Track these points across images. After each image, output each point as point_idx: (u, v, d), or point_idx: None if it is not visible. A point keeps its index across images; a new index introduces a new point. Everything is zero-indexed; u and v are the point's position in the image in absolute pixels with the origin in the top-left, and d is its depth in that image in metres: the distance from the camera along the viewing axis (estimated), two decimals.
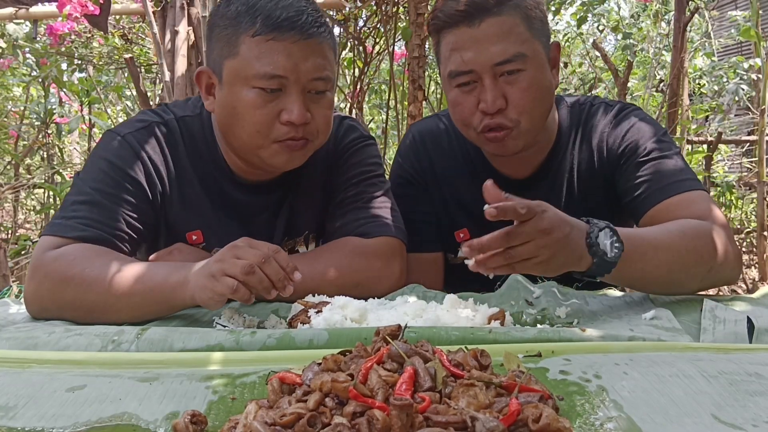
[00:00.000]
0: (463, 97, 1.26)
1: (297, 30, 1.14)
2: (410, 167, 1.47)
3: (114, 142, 1.24)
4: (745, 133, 6.39)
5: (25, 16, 3.69)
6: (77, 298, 1.07)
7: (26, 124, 5.09)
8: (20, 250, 3.58)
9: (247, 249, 1.01)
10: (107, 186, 1.19)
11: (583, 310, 1.11)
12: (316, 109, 1.19)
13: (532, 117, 1.25)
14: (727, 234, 1.15)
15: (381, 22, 3.46)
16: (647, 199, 1.26)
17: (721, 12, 6.68)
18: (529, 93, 1.23)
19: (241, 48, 1.15)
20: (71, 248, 1.12)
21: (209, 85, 1.23)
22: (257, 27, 1.13)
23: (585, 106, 1.41)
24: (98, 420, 0.65)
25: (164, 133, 1.27)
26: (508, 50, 1.20)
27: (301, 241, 1.40)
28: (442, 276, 1.47)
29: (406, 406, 0.54)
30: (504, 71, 1.21)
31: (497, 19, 1.20)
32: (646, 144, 1.30)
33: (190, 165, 1.28)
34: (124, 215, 1.19)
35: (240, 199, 1.32)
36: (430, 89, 4.36)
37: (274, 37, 1.13)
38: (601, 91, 5.82)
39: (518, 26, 1.21)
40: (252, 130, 1.17)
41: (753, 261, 4.03)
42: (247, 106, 1.16)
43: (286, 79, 1.15)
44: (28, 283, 1.13)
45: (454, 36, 1.23)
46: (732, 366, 0.76)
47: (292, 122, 1.16)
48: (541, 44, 1.25)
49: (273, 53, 1.13)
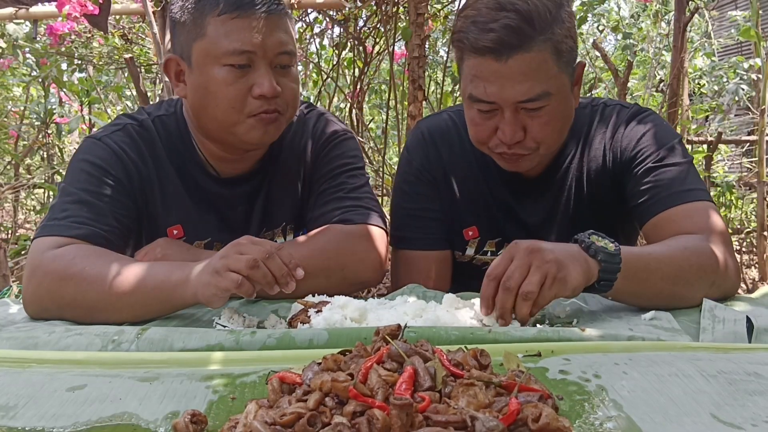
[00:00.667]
0: (482, 120, 1.24)
1: (260, 6, 1.19)
2: (419, 164, 1.46)
3: (92, 145, 1.28)
4: (745, 133, 6.39)
5: (25, 16, 3.69)
6: (78, 297, 1.07)
7: (26, 124, 5.09)
8: (20, 250, 3.57)
9: (250, 245, 1.02)
10: (92, 185, 1.22)
11: (582, 310, 1.11)
12: (283, 83, 1.24)
13: (550, 145, 1.26)
14: (727, 248, 1.16)
15: (381, 22, 3.46)
16: (653, 206, 1.25)
17: (721, 12, 6.68)
18: (549, 126, 1.22)
19: (207, 29, 1.19)
20: (70, 248, 1.13)
21: (178, 72, 1.27)
22: (221, 6, 1.19)
23: (598, 108, 1.41)
24: (98, 420, 0.65)
25: (140, 132, 1.31)
26: (534, 89, 1.16)
27: (279, 233, 1.42)
28: (449, 274, 1.47)
29: (405, 405, 0.54)
30: (527, 107, 1.19)
31: (526, 56, 1.14)
32: (659, 150, 1.30)
33: (169, 161, 1.32)
34: (112, 212, 1.22)
35: (216, 192, 1.35)
36: (430, 89, 4.35)
37: (239, 15, 1.18)
38: (600, 92, 5.82)
39: (546, 62, 1.16)
40: (226, 107, 1.21)
41: (753, 261, 4.02)
42: (219, 83, 1.20)
43: (254, 54, 1.19)
44: (27, 283, 1.13)
45: (479, 64, 1.18)
46: (731, 365, 0.76)
47: (264, 95, 1.20)
48: (567, 75, 1.22)
49: (240, 30, 1.18)
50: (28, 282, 1.13)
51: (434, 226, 1.44)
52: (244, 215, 1.38)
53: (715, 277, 1.12)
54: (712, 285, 1.12)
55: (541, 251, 0.98)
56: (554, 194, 1.39)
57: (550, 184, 1.39)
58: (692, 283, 1.09)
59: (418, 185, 1.45)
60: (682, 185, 1.25)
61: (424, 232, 1.41)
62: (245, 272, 0.98)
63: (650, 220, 1.25)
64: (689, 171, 1.29)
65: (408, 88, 3.00)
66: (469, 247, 1.46)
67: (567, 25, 1.19)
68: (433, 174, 1.45)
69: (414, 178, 1.45)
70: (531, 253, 0.98)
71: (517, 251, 0.99)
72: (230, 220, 1.37)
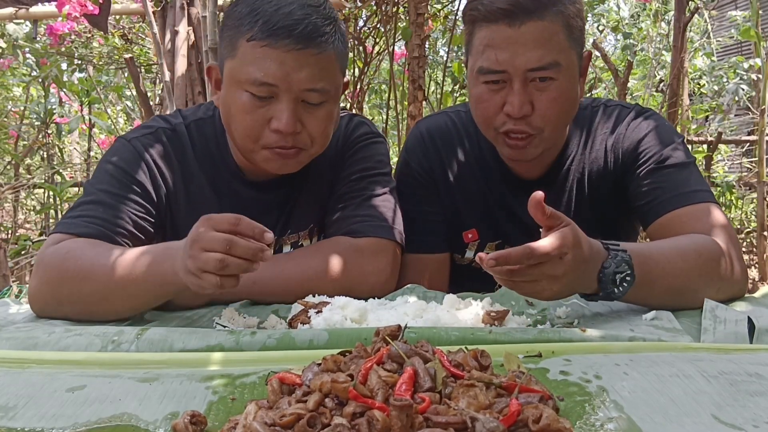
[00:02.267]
0: (489, 95, 1.23)
1: (293, 39, 1.12)
2: (418, 165, 1.44)
3: (121, 147, 1.27)
4: (745, 133, 6.39)
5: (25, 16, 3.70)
6: (74, 291, 1.07)
7: (26, 124, 5.09)
8: (20, 250, 3.57)
9: (209, 237, 0.93)
10: (112, 187, 1.21)
11: (583, 310, 1.11)
12: (308, 120, 1.18)
13: (555, 126, 1.24)
14: (736, 252, 1.15)
15: (381, 22, 3.46)
16: (658, 207, 1.24)
17: (721, 12, 6.68)
18: (557, 103, 1.21)
19: (239, 51, 1.15)
20: (66, 243, 1.13)
21: (218, 80, 1.25)
22: (255, 31, 1.13)
23: (599, 108, 1.40)
24: (98, 420, 0.65)
25: (171, 138, 1.29)
26: (545, 57, 1.17)
27: (305, 235, 1.39)
28: (447, 278, 1.45)
29: (405, 406, 0.54)
30: (536, 77, 1.19)
31: (539, 23, 1.16)
32: (662, 151, 1.29)
33: (200, 168, 1.30)
34: (129, 214, 1.20)
35: (251, 197, 1.32)
36: (430, 89, 4.36)
37: (269, 44, 1.12)
38: (600, 92, 5.82)
39: (558, 34, 1.17)
40: (243, 134, 1.19)
41: (753, 261, 4.03)
42: (239, 109, 1.17)
43: (276, 87, 1.14)
44: (31, 280, 1.14)
45: (492, 32, 1.18)
46: (732, 366, 0.75)
47: (280, 130, 1.15)
48: (576, 54, 1.22)
49: (266, 60, 1.13)
50: (32, 280, 1.14)
51: (432, 229, 1.42)
52: (276, 220, 1.35)
53: (721, 284, 1.11)
54: (718, 291, 1.10)
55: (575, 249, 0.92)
56: (555, 195, 1.39)
57: (551, 185, 1.38)
58: (699, 289, 1.08)
59: (416, 187, 1.43)
60: (686, 186, 1.24)
61: (421, 235, 1.39)
62: (219, 273, 0.92)
63: (655, 221, 1.24)
64: (692, 172, 1.28)
65: (408, 88, 3.00)
66: (469, 250, 1.45)
67: (578, 6, 1.21)
68: (432, 175, 1.44)
69: (412, 179, 1.43)
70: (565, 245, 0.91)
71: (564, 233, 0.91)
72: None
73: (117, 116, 6.32)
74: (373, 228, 1.27)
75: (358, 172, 1.35)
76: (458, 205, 1.43)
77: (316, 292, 1.14)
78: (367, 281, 1.22)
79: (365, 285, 1.21)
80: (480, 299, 1.11)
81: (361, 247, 1.25)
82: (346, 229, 1.28)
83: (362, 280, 1.21)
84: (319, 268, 1.20)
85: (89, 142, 5.27)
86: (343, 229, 1.28)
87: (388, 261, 1.26)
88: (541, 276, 0.92)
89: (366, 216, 1.29)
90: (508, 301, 1.16)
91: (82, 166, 5.93)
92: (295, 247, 1.37)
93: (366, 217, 1.29)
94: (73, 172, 5.80)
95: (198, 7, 3.15)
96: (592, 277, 0.98)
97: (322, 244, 1.28)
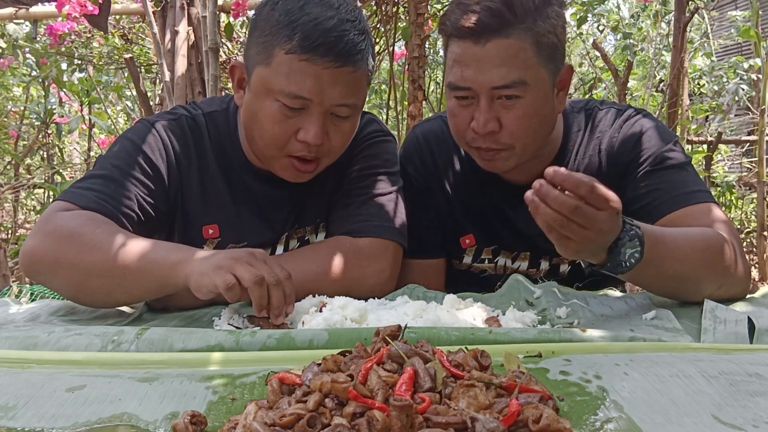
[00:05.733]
0: (459, 110, 1.24)
1: (332, 57, 1.12)
2: (414, 170, 1.44)
3: (142, 127, 1.28)
4: (745, 133, 6.39)
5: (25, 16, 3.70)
6: (77, 257, 1.06)
7: (26, 124, 5.09)
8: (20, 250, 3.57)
9: (263, 264, 1.00)
10: (127, 165, 1.22)
11: (583, 310, 1.11)
12: (334, 132, 1.20)
13: (525, 143, 1.23)
14: (739, 250, 1.14)
15: (381, 22, 3.46)
16: (657, 209, 1.24)
17: (721, 12, 6.68)
18: (524, 121, 1.20)
19: (274, 60, 1.15)
20: (84, 212, 1.13)
21: (241, 80, 1.25)
22: (293, 44, 1.12)
23: (592, 111, 1.39)
24: (98, 420, 0.65)
25: (192, 127, 1.30)
26: (509, 75, 1.16)
27: (312, 230, 1.39)
28: (443, 283, 1.45)
29: (405, 406, 0.54)
30: (502, 95, 1.18)
31: (504, 41, 1.15)
32: (658, 152, 1.28)
33: (215, 160, 1.31)
34: (138, 196, 1.20)
35: (262, 192, 1.33)
36: (430, 89, 4.36)
37: (308, 59, 1.12)
38: (600, 92, 5.82)
39: (525, 51, 1.16)
40: (268, 142, 1.20)
41: (753, 261, 4.02)
42: (267, 117, 1.17)
43: (310, 101, 1.15)
44: (31, 237, 1.12)
45: (459, 48, 1.19)
46: (732, 366, 0.75)
47: (308, 142, 1.17)
48: (548, 71, 1.20)
49: (303, 74, 1.13)
50: (32, 236, 1.12)
51: (427, 234, 1.42)
52: (288, 215, 1.35)
53: (724, 280, 1.10)
54: (720, 287, 1.10)
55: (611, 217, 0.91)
56: None
57: None
58: (700, 282, 1.08)
59: (413, 192, 1.42)
60: (684, 187, 1.24)
61: (417, 240, 1.38)
62: (247, 283, 0.96)
63: (655, 224, 1.24)
64: (690, 172, 1.27)
65: (408, 88, 3.00)
66: (467, 255, 1.44)
67: (553, 22, 1.19)
68: (428, 181, 1.43)
69: (408, 184, 1.42)
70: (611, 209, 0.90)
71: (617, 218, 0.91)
72: (271, 220, 1.34)
73: (117, 116, 6.32)
74: (375, 228, 1.27)
75: (364, 170, 1.35)
76: (454, 210, 1.43)
77: (316, 292, 1.14)
78: (367, 282, 1.22)
79: (365, 286, 1.21)
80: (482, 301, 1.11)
81: (362, 247, 1.24)
82: (347, 228, 1.28)
83: (362, 281, 1.21)
84: (319, 269, 1.20)
85: (89, 142, 5.27)
86: (345, 227, 1.28)
87: (389, 262, 1.26)
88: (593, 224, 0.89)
89: (368, 215, 1.29)
90: (508, 301, 1.16)
91: (82, 166, 5.93)
92: (301, 242, 1.38)
93: (368, 216, 1.29)
94: (73, 172, 5.80)
95: (198, 7, 3.16)
96: (605, 246, 0.97)
97: (323, 245, 1.28)
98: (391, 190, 1.34)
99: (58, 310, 1.17)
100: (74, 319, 1.13)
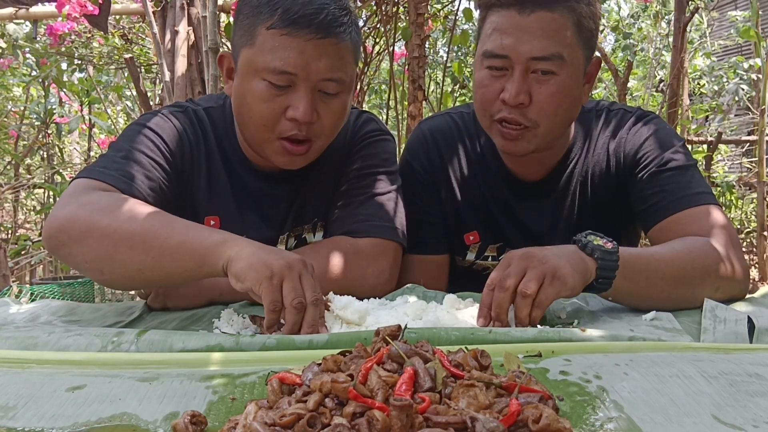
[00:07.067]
0: (490, 80, 1.23)
1: (313, 27, 1.13)
2: (420, 166, 1.44)
3: (153, 116, 1.28)
4: (745, 133, 6.39)
5: (25, 16, 3.70)
6: (111, 226, 1.02)
7: (26, 124, 5.09)
8: (20, 250, 3.57)
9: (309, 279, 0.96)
10: (146, 148, 1.22)
11: (583, 310, 1.11)
12: (324, 110, 1.19)
13: (551, 122, 1.23)
14: (736, 251, 1.15)
15: (381, 22, 3.46)
16: (658, 211, 1.25)
17: (721, 12, 6.68)
18: (555, 98, 1.20)
19: (257, 39, 1.15)
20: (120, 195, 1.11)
21: (230, 69, 1.25)
22: (274, 20, 1.13)
23: (602, 112, 1.40)
24: (98, 420, 0.65)
25: (199, 120, 1.32)
26: (549, 48, 1.17)
27: (309, 228, 1.38)
28: (446, 280, 1.45)
29: (405, 406, 0.54)
30: (538, 68, 1.19)
31: (548, 14, 1.17)
32: (663, 154, 1.29)
33: (218, 152, 1.32)
34: (158, 179, 1.21)
35: (258, 188, 1.33)
36: (430, 89, 4.36)
37: (289, 33, 1.13)
38: (601, 92, 5.82)
39: (567, 28, 1.18)
40: (258, 123, 1.19)
41: (753, 261, 4.02)
42: (255, 97, 1.17)
43: (295, 76, 1.14)
44: (61, 207, 1.08)
45: (501, 17, 1.20)
46: (732, 366, 0.75)
47: (297, 119, 1.16)
48: (583, 55, 1.22)
49: (285, 49, 1.13)
50: (61, 207, 1.08)
51: (431, 230, 1.42)
52: (284, 213, 1.35)
53: (720, 279, 1.11)
54: (717, 289, 1.10)
55: (536, 255, 0.98)
56: (557, 198, 1.38)
57: (553, 188, 1.38)
58: (695, 284, 1.09)
59: (417, 188, 1.42)
60: (687, 189, 1.24)
61: (421, 236, 1.38)
62: (286, 304, 0.92)
63: (656, 225, 1.24)
64: (694, 174, 1.28)
65: (408, 88, 3.00)
66: (470, 252, 1.44)
67: (593, 9, 1.21)
68: (434, 176, 1.43)
69: (413, 180, 1.43)
70: (526, 257, 0.98)
71: (512, 258, 0.99)
72: (270, 218, 1.34)
73: (117, 116, 6.31)
74: (374, 228, 1.27)
75: (362, 169, 1.34)
76: (459, 206, 1.43)
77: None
78: (367, 282, 1.22)
79: (365, 286, 1.20)
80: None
81: (361, 247, 1.24)
82: (346, 228, 1.27)
83: (362, 282, 1.21)
84: (318, 269, 1.19)
85: (89, 142, 5.27)
86: (344, 228, 1.28)
87: (388, 262, 1.26)
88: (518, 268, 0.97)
89: (367, 215, 1.28)
90: None
91: (82, 166, 5.93)
92: (299, 240, 1.37)
93: (367, 216, 1.28)
94: (73, 172, 5.79)
95: (198, 7, 3.15)
96: (574, 250, 1.02)
97: (322, 245, 1.28)
98: (390, 189, 1.33)
99: (58, 310, 1.17)
100: (74, 319, 1.13)
